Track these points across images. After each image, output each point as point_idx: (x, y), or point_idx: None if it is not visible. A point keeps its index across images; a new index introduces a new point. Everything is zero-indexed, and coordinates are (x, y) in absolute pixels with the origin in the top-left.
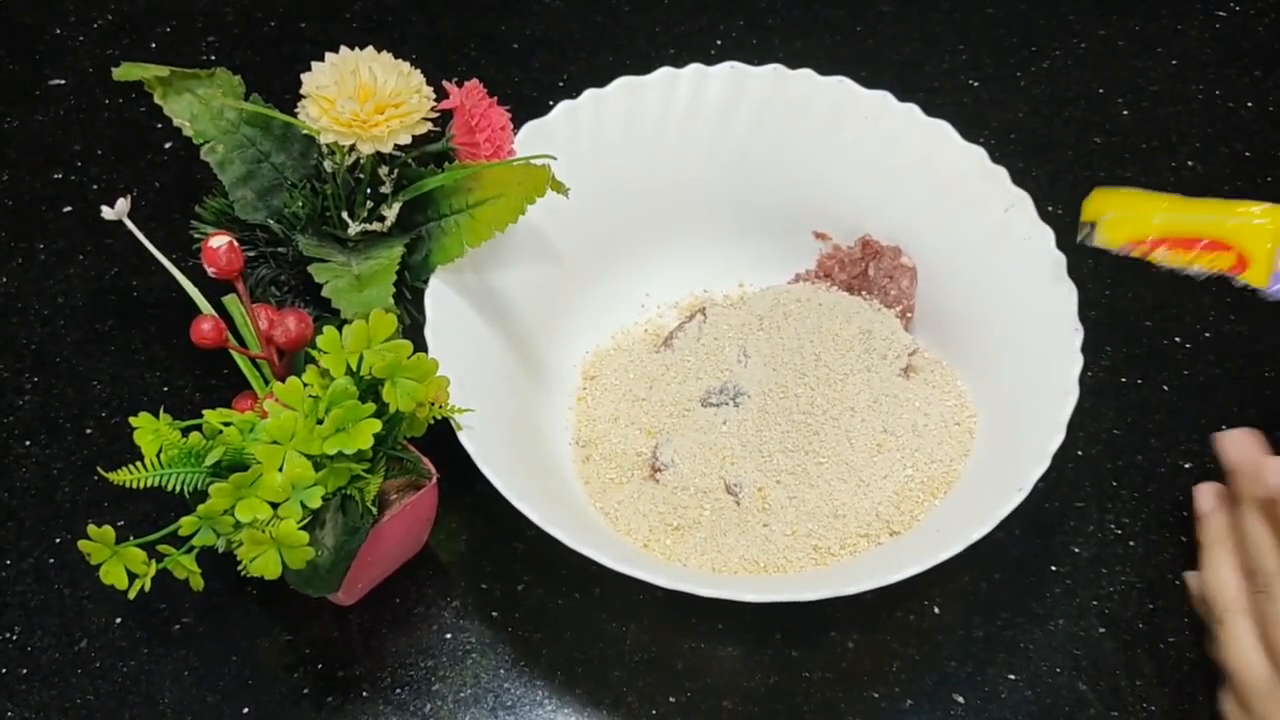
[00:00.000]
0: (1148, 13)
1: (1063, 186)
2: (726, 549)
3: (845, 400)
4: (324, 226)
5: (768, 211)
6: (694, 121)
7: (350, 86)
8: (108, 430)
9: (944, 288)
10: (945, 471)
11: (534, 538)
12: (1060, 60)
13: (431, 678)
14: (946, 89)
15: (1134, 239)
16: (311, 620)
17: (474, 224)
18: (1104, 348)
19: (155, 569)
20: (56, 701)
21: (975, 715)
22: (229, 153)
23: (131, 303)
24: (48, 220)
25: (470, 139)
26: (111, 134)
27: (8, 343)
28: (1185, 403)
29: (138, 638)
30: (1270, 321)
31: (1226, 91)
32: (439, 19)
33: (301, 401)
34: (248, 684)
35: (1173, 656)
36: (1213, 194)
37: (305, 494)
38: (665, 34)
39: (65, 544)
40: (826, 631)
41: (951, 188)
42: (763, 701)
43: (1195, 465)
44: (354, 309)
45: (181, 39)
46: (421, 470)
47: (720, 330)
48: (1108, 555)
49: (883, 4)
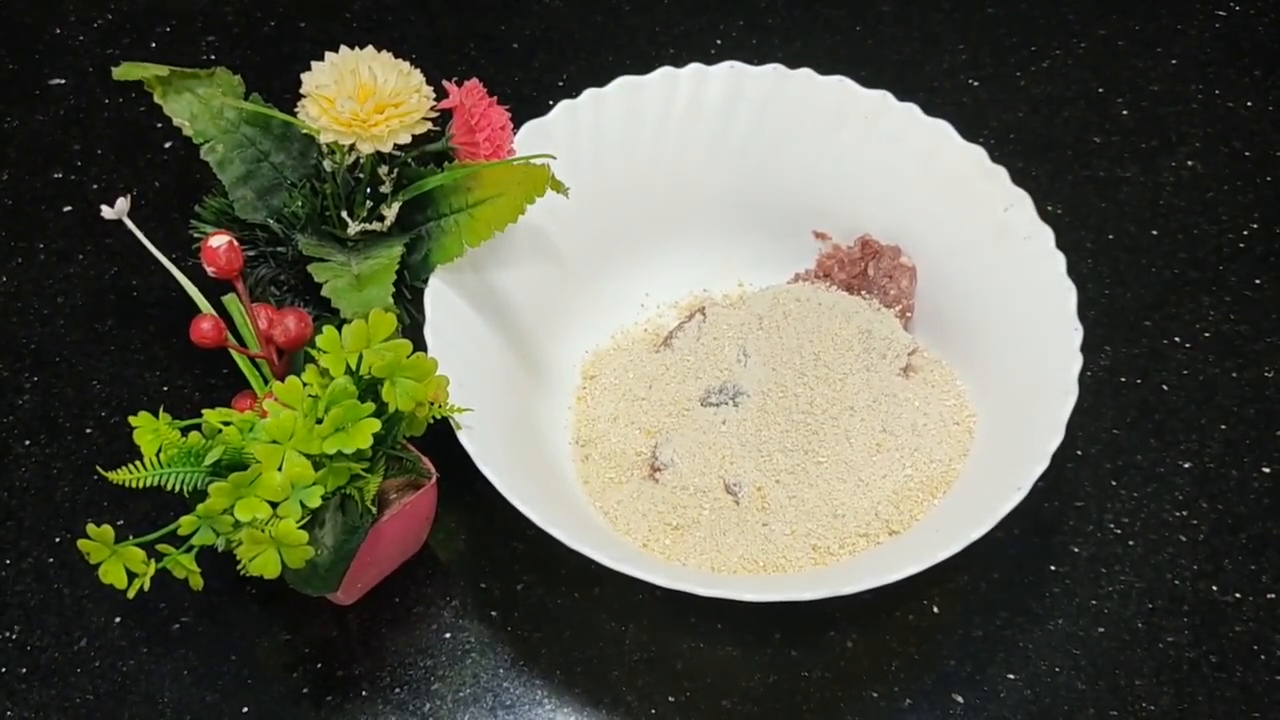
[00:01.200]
0: (1148, 12)
1: (1063, 186)
2: (726, 548)
3: (844, 400)
4: (324, 226)
5: (767, 211)
6: (694, 121)
7: (350, 86)
8: (107, 430)
9: (943, 287)
10: (944, 471)
11: (533, 537)
12: (1060, 60)
13: (431, 677)
14: (946, 89)
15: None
16: (311, 619)
17: (474, 223)
18: (1103, 347)
19: (154, 568)
20: (56, 701)
21: (974, 714)
22: (229, 152)
23: (131, 302)
24: (48, 220)
25: (470, 138)
26: (111, 133)
27: (7, 342)
28: (1184, 402)
29: (137, 637)
30: (1269, 321)
31: (1226, 91)
32: (439, 18)
33: (301, 401)
34: (247, 683)
35: (1172, 656)
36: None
37: (305, 493)
38: (665, 34)
39: (65, 543)
40: (826, 631)
41: (951, 187)
42: (762, 701)
43: (1195, 465)
44: (353, 308)
45: (181, 39)
46: (421, 470)
47: (720, 330)
48: (1107, 555)
49: (883, 4)
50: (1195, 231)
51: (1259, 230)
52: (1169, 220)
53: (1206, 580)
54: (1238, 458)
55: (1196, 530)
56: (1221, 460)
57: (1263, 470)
